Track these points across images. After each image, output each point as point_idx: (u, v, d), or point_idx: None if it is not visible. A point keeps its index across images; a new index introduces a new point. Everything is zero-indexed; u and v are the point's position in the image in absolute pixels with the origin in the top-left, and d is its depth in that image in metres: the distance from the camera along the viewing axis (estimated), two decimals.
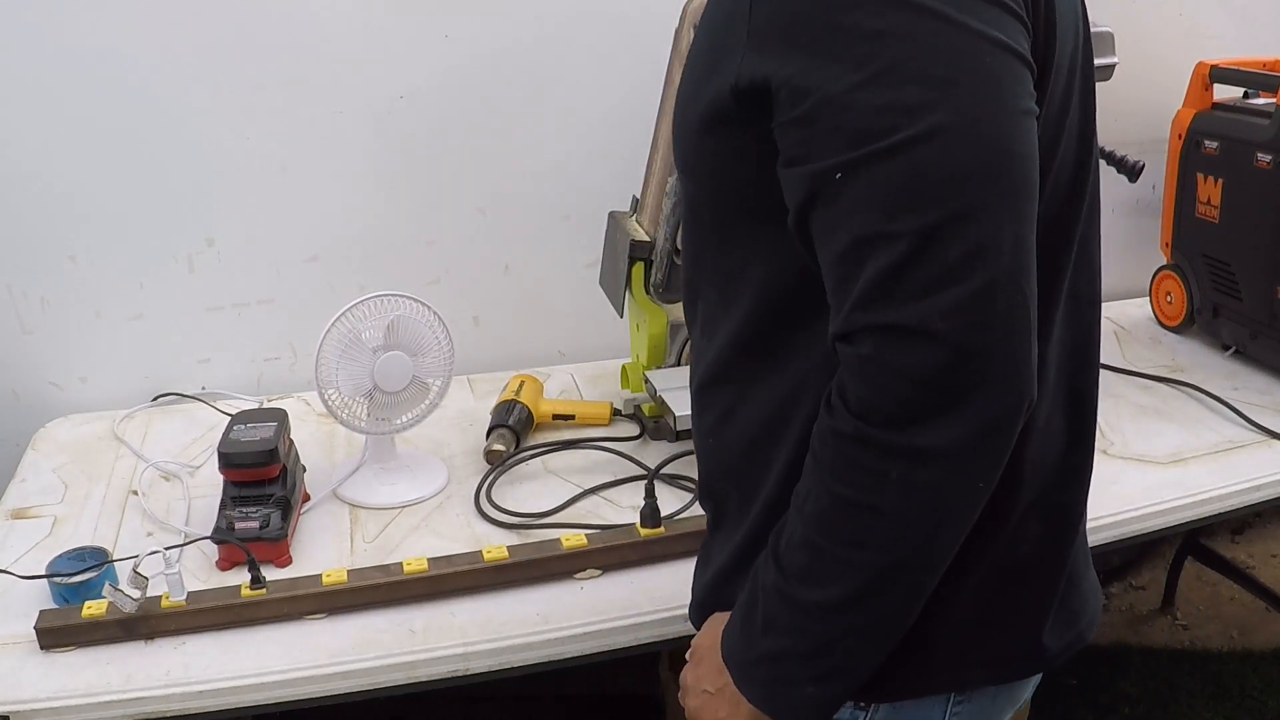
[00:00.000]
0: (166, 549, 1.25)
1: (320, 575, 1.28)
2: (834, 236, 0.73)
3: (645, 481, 1.40)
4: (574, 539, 1.35)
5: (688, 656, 0.94)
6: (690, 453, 1.57)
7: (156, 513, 1.49)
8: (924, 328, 0.69)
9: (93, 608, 1.22)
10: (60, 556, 1.31)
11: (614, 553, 1.35)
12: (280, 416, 1.44)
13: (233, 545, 1.31)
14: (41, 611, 1.22)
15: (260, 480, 1.37)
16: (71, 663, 1.19)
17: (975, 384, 0.70)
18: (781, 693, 0.81)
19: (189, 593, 1.24)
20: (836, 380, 0.75)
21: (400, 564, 1.30)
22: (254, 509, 1.36)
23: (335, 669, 1.20)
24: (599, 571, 1.34)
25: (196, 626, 1.23)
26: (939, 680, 0.89)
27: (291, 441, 1.48)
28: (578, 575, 1.34)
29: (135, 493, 1.55)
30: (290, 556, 1.36)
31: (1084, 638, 0.95)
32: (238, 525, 1.34)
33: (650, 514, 1.37)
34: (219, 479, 1.55)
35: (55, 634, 1.20)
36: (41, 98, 1.67)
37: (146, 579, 1.21)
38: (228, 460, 1.38)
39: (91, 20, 1.65)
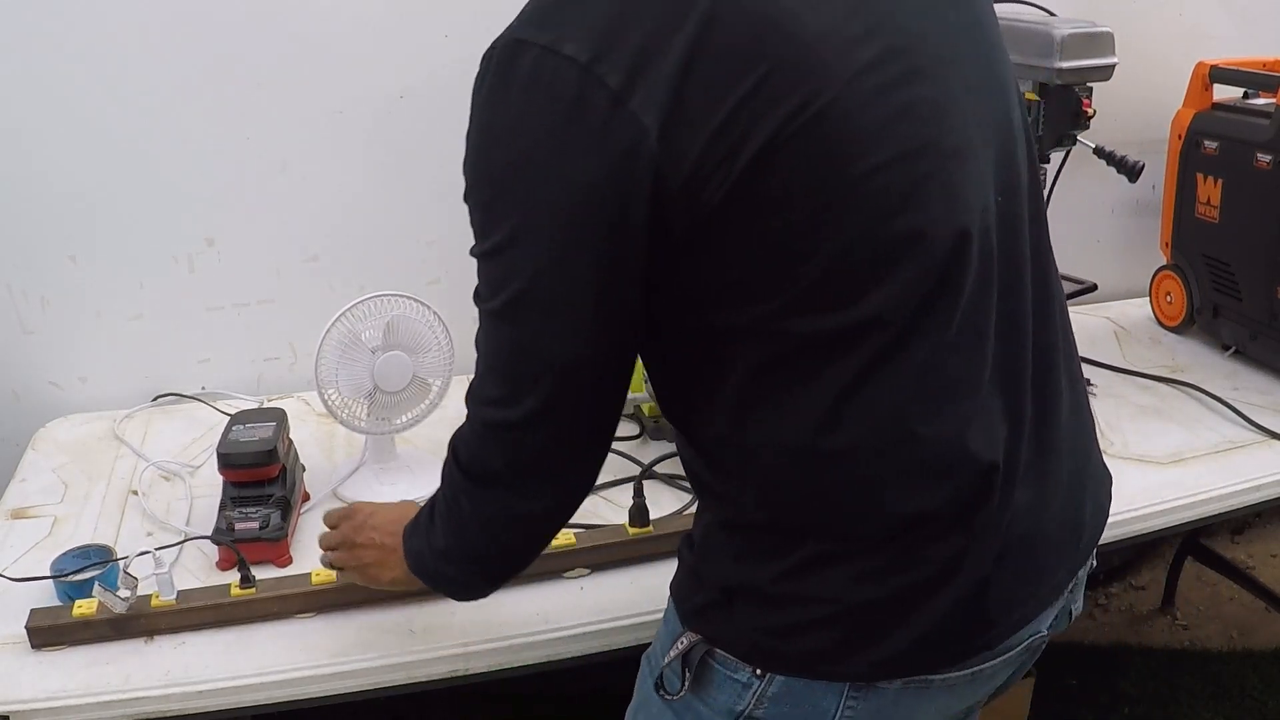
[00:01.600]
0: (157, 550, 1.26)
1: (309, 574, 1.28)
2: None
3: (634, 481, 1.40)
4: (563, 538, 1.35)
5: (345, 516, 1.17)
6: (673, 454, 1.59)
7: (156, 513, 1.48)
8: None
9: (83, 607, 1.22)
10: (64, 555, 1.32)
11: (602, 551, 1.35)
12: (279, 416, 1.44)
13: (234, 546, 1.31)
14: (32, 610, 1.23)
15: (260, 480, 1.37)
16: (70, 662, 1.19)
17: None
18: (419, 565, 1.06)
19: (179, 592, 1.24)
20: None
21: None
22: (254, 509, 1.36)
23: (335, 669, 1.20)
24: (588, 570, 1.34)
25: (187, 626, 1.23)
26: (832, 669, 0.91)
27: (291, 441, 1.48)
28: (566, 574, 1.34)
29: (135, 493, 1.55)
30: (290, 556, 1.36)
31: (988, 645, 0.94)
32: (238, 526, 1.34)
33: (638, 513, 1.37)
34: (220, 479, 1.55)
35: (46, 633, 1.20)
36: (42, 98, 1.67)
37: (136, 579, 1.21)
38: (227, 461, 1.37)
39: (92, 20, 1.65)
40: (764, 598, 0.93)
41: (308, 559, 1.35)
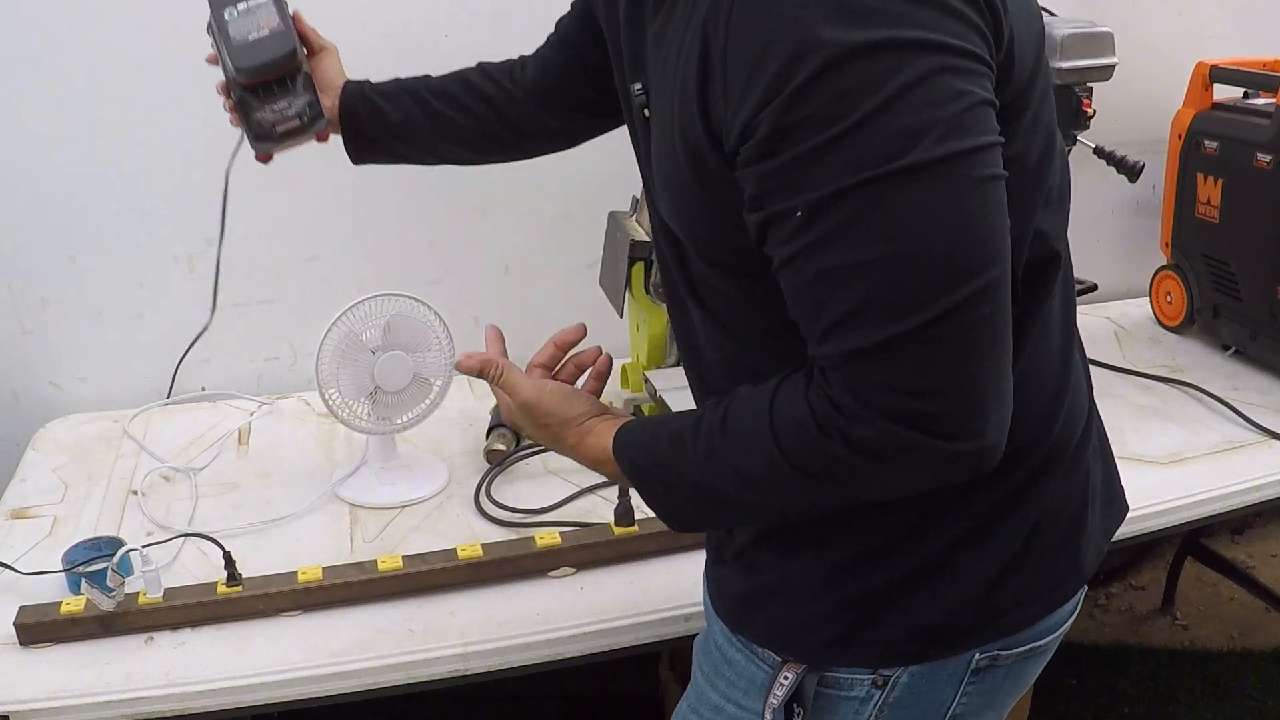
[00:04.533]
0: (143, 546, 1.26)
1: (296, 573, 1.29)
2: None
3: (619, 481, 1.40)
4: (548, 537, 1.35)
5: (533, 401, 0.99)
6: None
7: (156, 513, 1.49)
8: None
9: (71, 604, 1.22)
10: (75, 547, 1.32)
11: (588, 551, 1.35)
12: None
13: (267, 154, 1.30)
14: (21, 608, 1.23)
15: (283, 77, 1.25)
16: (71, 662, 1.19)
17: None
18: (645, 485, 0.89)
19: (166, 589, 1.25)
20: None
21: (375, 561, 1.31)
22: (284, 102, 1.26)
23: (335, 669, 1.20)
24: (573, 569, 1.35)
25: (174, 623, 1.24)
26: (930, 642, 0.90)
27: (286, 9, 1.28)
28: (552, 573, 1.34)
29: (135, 492, 1.55)
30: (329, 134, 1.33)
31: (1078, 587, 0.96)
32: (280, 128, 1.27)
33: (624, 513, 1.38)
34: (222, 479, 1.56)
35: (34, 630, 1.21)
36: (42, 98, 1.67)
37: (123, 577, 1.22)
38: (249, 70, 1.22)
39: (92, 20, 1.65)
40: (912, 580, 0.88)
41: (307, 559, 1.35)
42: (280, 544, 1.41)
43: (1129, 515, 1.45)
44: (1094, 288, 1.86)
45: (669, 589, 1.31)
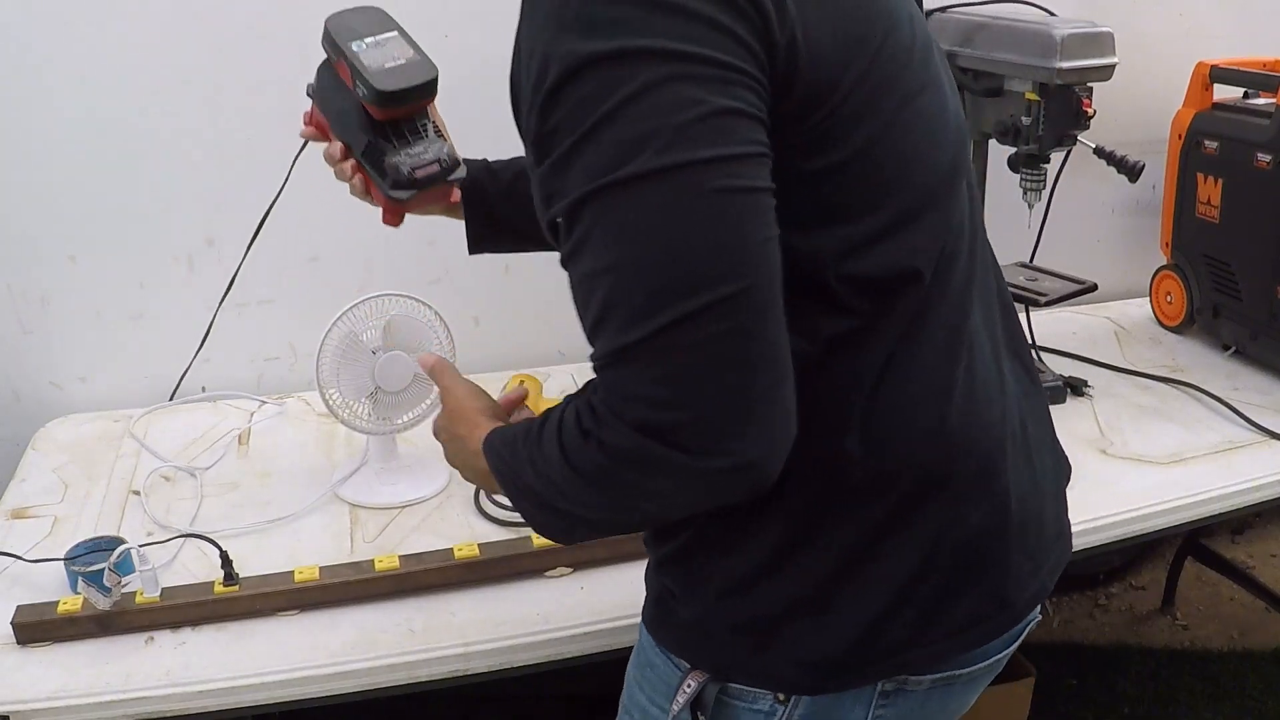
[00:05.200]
0: (140, 545, 1.27)
1: (292, 572, 1.29)
2: None
3: None
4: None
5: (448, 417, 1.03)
6: None
7: (157, 512, 1.48)
8: None
9: (68, 603, 1.23)
10: (77, 546, 1.32)
11: (584, 551, 1.35)
12: (393, 23, 1.16)
13: (398, 209, 1.16)
14: (18, 607, 1.23)
15: (420, 114, 1.16)
16: (71, 661, 1.19)
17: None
18: (508, 487, 0.88)
19: (163, 589, 1.25)
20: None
21: (372, 561, 1.31)
22: (420, 147, 1.15)
23: (335, 669, 1.20)
24: (570, 569, 1.35)
25: (171, 622, 1.24)
26: (853, 677, 0.89)
27: None
28: (549, 573, 1.34)
29: (136, 493, 1.55)
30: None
31: (1011, 623, 0.93)
32: (419, 173, 1.14)
33: None
34: (222, 479, 1.56)
35: (31, 629, 1.21)
36: (41, 98, 1.67)
37: (120, 577, 1.22)
38: (390, 98, 1.11)
39: (92, 20, 1.65)
40: (793, 613, 0.87)
41: (306, 559, 1.35)
42: (280, 544, 1.41)
43: (1129, 515, 1.47)
44: (1094, 288, 1.86)
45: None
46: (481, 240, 1.22)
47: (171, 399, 1.85)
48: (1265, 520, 2.80)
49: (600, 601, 1.30)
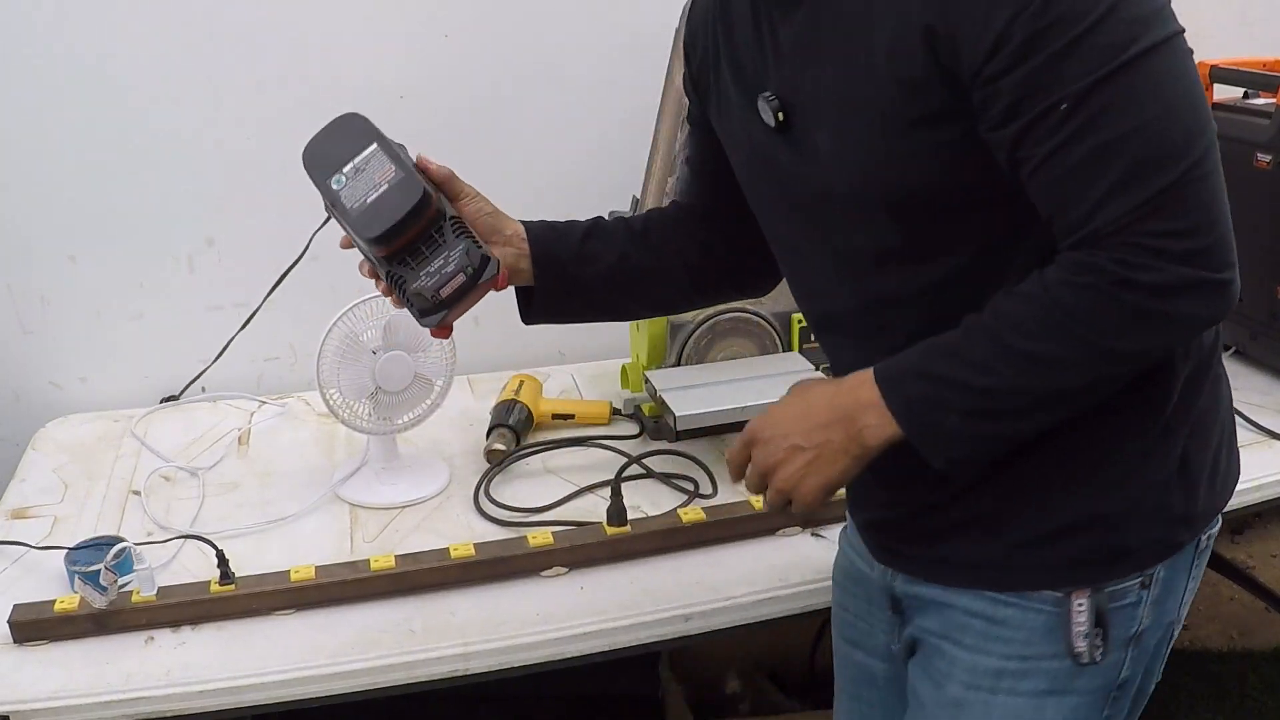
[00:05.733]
0: (136, 545, 1.27)
1: (288, 572, 1.29)
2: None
3: (612, 482, 1.41)
4: (541, 536, 1.36)
5: (757, 436, 0.96)
6: (670, 451, 1.59)
7: (157, 513, 1.48)
8: None
9: (65, 602, 1.23)
10: (80, 545, 1.33)
11: (580, 551, 1.36)
12: (367, 131, 1.05)
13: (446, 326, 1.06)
14: (15, 605, 1.23)
15: (426, 230, 1.03)
16: (71, 661, 1.19)
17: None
18: (926, 411, 0.89)
19: (160, 588, 1.25)
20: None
21: (368, 561, 1.31)
22: (440, 260, 1.02)
23: (336, 669, 1.20)
24: (565, 569, 1.35)
25: (168, 621, 1.24)
26: (1184, 531, 0.99)
27: (401, 146, 1.08)
28: (544, 573, 1.34)
29: (136, 493, 1.55)
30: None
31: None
32: (444, 290, 1.03)
33: (616, 513, 1.38)
34: (222, 479, 1.56)
35: (28, 627, 1.21)
36: (42, 98, 1.67)
37: (117, 576, 1.22)
38: (385, 238, 1.00)
39: (91, 20, 1.65)
40: (1169, 478, 0.96)
41: (305, 559, 1.35)
42: (281, 544, 1.41)
43: None
44: None
45: (669, 589, 1.32)
46: (547, 307, 1.13)
47: (181, 398, 1.85)
48: (1265, 520, 2.80)
49: (600, 601, 1.30)
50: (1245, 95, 1.94)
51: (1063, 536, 0.96)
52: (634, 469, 1.56)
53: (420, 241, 1.01)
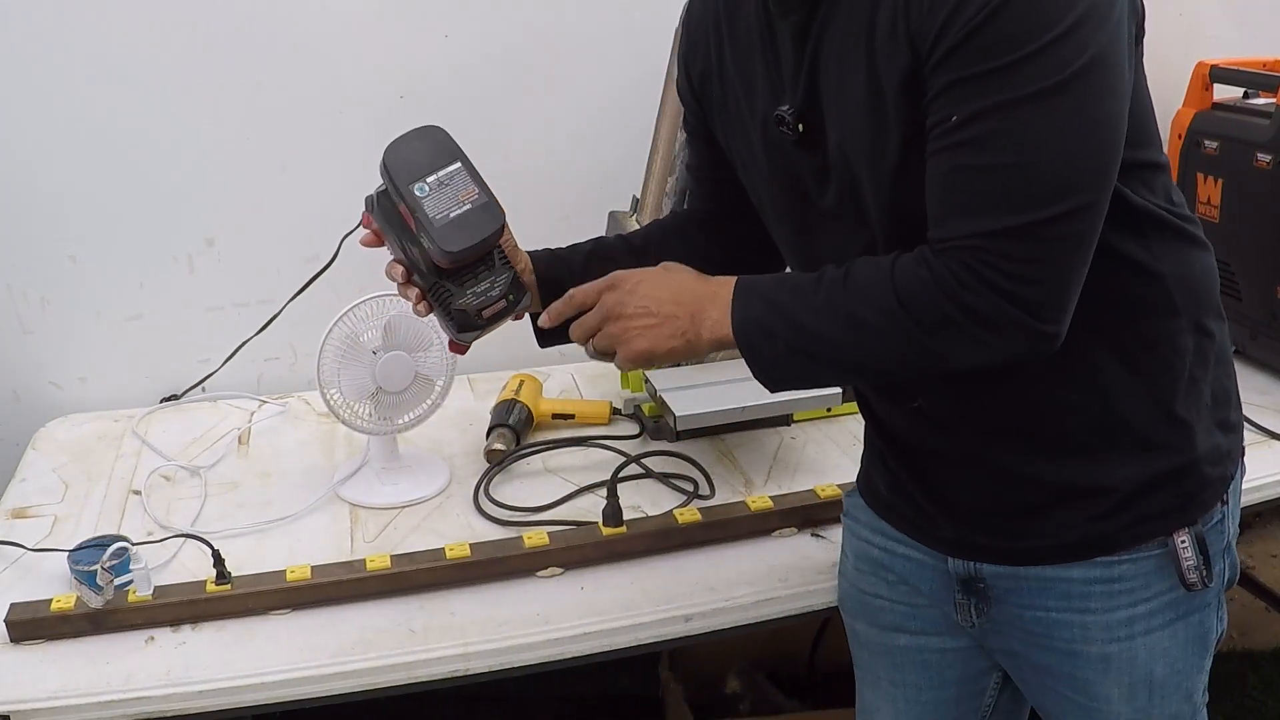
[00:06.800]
0: (134, 544, 1.27)
1: (284, 571, 1.29)
2: None
3: (608, 483, 1.40)
4: (536, 537, 1.36)
5: (608, 287, 1.02)
6: (669, 452, 1.59)
7: (157, 512, 1.48)
8: None
9: (61, 601, 1.23)
10: (82, 545, 1.33)
11: (576, 551, 1.36)
12: (455, 151, 1.07)
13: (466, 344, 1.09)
14: (12, 604, 1.24)
15: (488, 254, 1.07)
16: (71, 661, 1.19)
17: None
18: (756, 331, 0.96)
19: (156, 587, 1.25)
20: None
21: (363, 561, 1.31)
22: (488, 283, 1.07)
23: (336, 669, 1.20)
24: (561, 570, 1.35)
25: (164, 620, 1.24)
26: (1237, 442, 1.11)
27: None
28: (540, 573, 1.34)
29: (136, 492, 1.55)
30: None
31: None
32: (486, 312, 1.07)
33: (612, 514, 1.38)
34: (222, 479, 1.55)
35: (24, 626, 1.21)
36: (41, 98, 1.67)
37: (113, 576, 1.23)
38: (460, 255, 1.03)
39: (91, 21, 1.65)
40: (1215, 400, 1.05)
41: (305, 559, 1.35)
42: (281, 544, 1.41)
43: None
44: None
45: (669, 589, 1.32)
46: (557, 330, 1.11)
47: (183, 398, 1.85)
48: (1265, 520, 2.80)
49: (600, 601, 1.30)
50: (1245, 95, 1.94)
51: (1150, 490, 1.02)
52: (634, 469, 1.56)
53: (480, 264, 1.06)
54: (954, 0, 0.83)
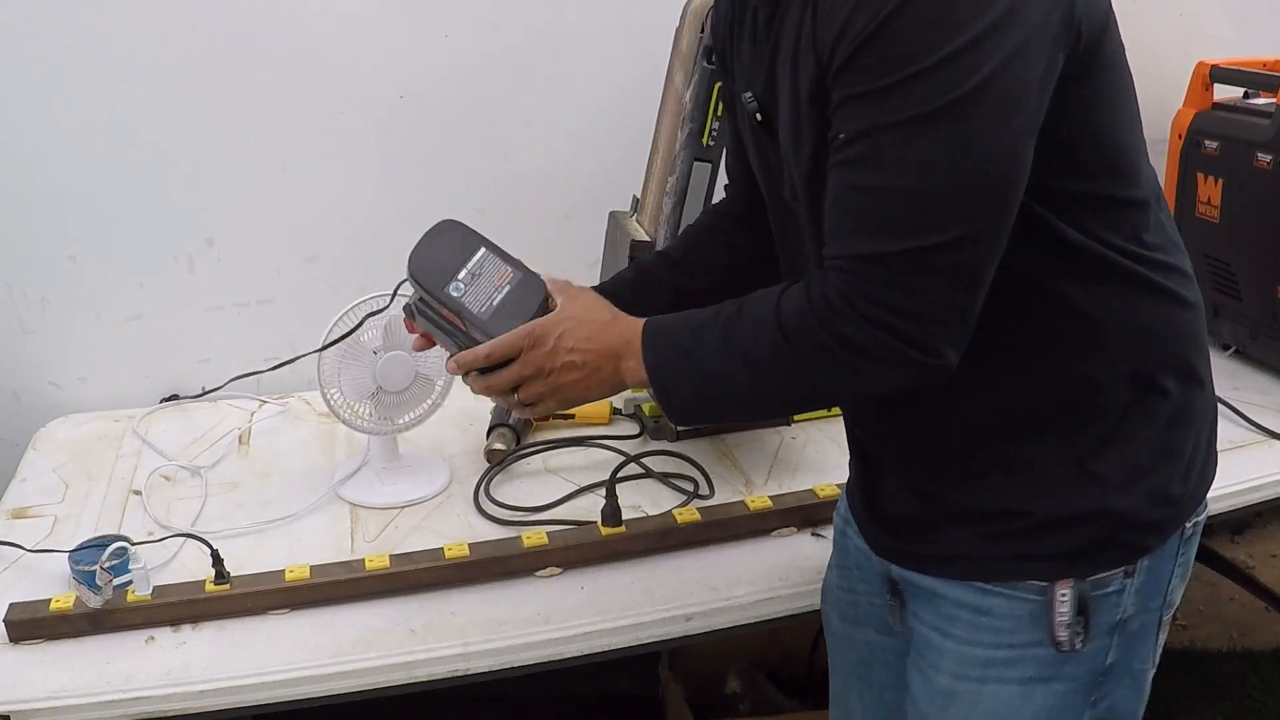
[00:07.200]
0: (134, 544, 1.27)
1: (283, 571, 1.29)
2: None
3: (606, 483, 1.40)
4: (535, 537, 1.36)
5: (532, 345, 1.00)
6: (669, 452, 1.60)
7: (157, 512, 1.48)
8: None
9: (60, 601, 1.23)
10: (80, 547, 1.32)
11: (575, 551, 1.36)
12: (476, 239, 1.09)
13: None
14: (11, 604, 1.24)
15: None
16: (71, 661, 1.19)
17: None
18: (668, 377, 0.97)
19: (155, 587, 1.26)
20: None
21: (362, 561, 1.31)
22: None
23: (336, 669, 1.20)
24: (559, 569, 1.35)
25: (163, 620, 1.24)
26: (1166, 519, 0.99)
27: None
28: (539, 573, 1.34)
29: (136, 492, 1.55)
30: None
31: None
32: None
33: (611, 514, 1.38)
34: (222, 479, 1.56)
35: (23, 626, 1.22)
36: (42, 98, 1.67)
37: (111, 576, 1.23)
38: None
39: (91, 21, 1.65)
40: (1150, 464, 0.97)
41: (305, 559, 1.35)
42: (281, 544, 1.41)
43: None
44: None
45: (669, 589, 1.32)
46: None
47: (189, 397, 1.85)
48: (1265, 520, 2.80)
49: (600, 601, 1.30)
50: (1245, 95, 1.94)
51: (1048, 529, 0.97)
52: (634, 469, 1.56)
53: None
54: (846, 14, 0.81)
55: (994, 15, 0.78)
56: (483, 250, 1.06)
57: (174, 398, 1.86)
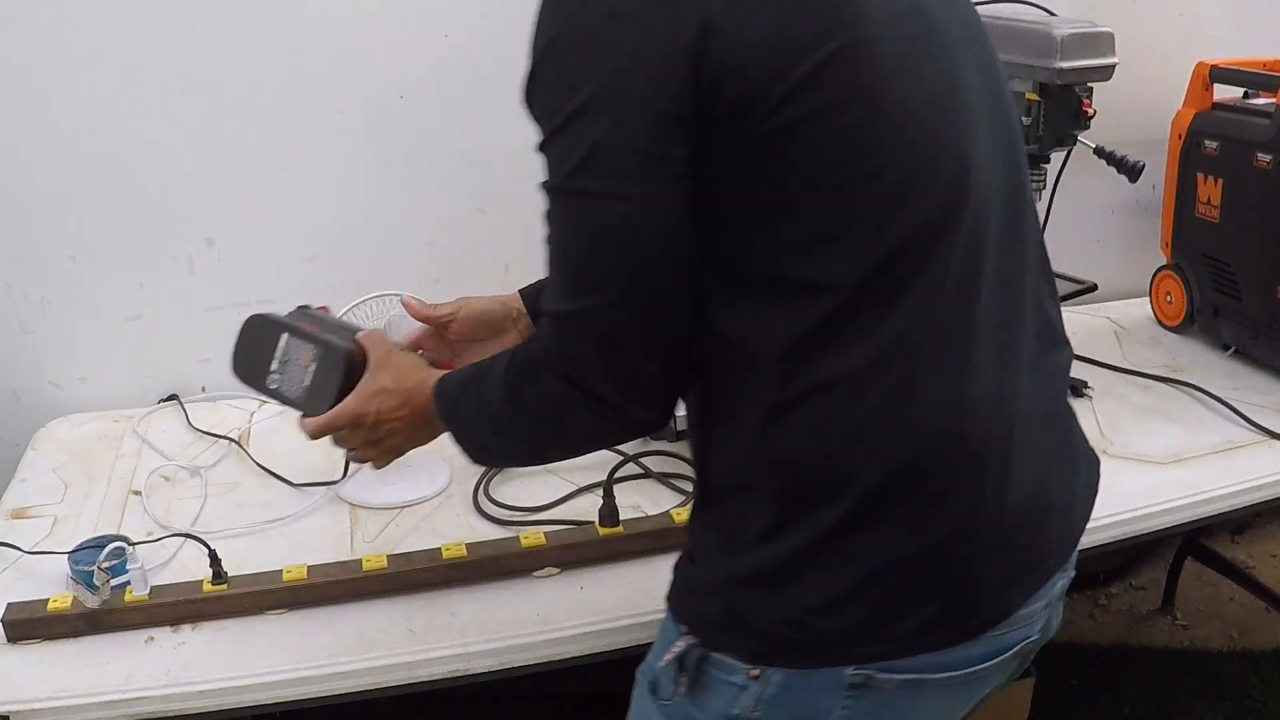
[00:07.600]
0: (132, 544, 1.27)
1: (281, 571, 1.29)
2: None
3: (604, 483, 1.41)
4: (533, 537, 1.36)
5: (353, 425, 1.10)
6: (669, 452, 1.60)
7: (157, 513, 1.49)
8: None
9: (58, 601, 1.23)
10: (81, 547, 1.32)
11: (573, 551, 1.36)
12: (277, 326, 1.17)
13: None
14: (9, 604, 1.24)
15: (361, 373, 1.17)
16: (71, 662, 1.19)
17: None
18: (458, 431, 1.03)
19: (153, 587, 1.26)
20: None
21: (360, 561, 1.31)
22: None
23: (336, 669, 1.20)
24: (558, 569, 1.35)
25: (161, 620, 1.24)
26: (828, 654, 0.91)
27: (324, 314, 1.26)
28: (537, 573, 1.34)
29: (136, 493, 1.55)
30: None
31: (982, 627, 0.93)
32: None
33: (609, 514, 1.38)
34: (222, 479, 1.56)
35: (21, 625, 1.22)
36: (42, 98, 1.67)
37: (109, 576, 1.23)
38: (332, 406, 1.14)
39: (91, 21, 1.65)
40: (780, 578, 0.90)
41: (305, 559, 1.35)
42: (281, 544, 1.41)
43: (1129, 515, 1.47)
44: (1094, 288, 1.86)
45: (668, 588, 1.31)
46: None
47: (168, 399, 1.85)
48: (1265, 520, 2.80)
49: (600, 601, 1.30)
50: (1245, 95, 1.94)
51: (701, 589, 0.97)
52: (632, 469, 1.56)
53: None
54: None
55: (588, 91, 0.82)
56: (285, 337, 1.13)
57: (174, 398, 1.85)
